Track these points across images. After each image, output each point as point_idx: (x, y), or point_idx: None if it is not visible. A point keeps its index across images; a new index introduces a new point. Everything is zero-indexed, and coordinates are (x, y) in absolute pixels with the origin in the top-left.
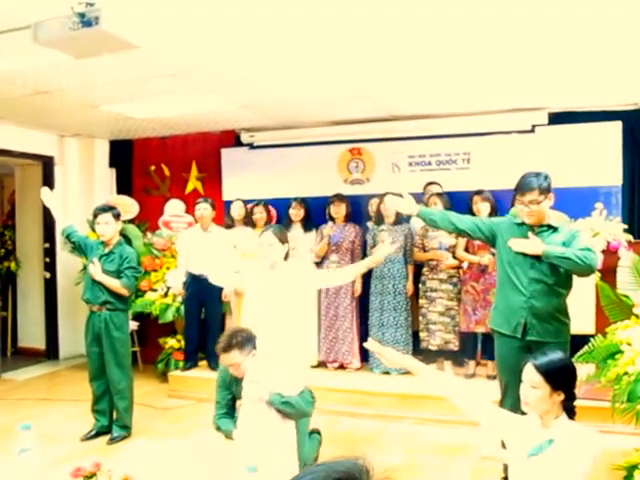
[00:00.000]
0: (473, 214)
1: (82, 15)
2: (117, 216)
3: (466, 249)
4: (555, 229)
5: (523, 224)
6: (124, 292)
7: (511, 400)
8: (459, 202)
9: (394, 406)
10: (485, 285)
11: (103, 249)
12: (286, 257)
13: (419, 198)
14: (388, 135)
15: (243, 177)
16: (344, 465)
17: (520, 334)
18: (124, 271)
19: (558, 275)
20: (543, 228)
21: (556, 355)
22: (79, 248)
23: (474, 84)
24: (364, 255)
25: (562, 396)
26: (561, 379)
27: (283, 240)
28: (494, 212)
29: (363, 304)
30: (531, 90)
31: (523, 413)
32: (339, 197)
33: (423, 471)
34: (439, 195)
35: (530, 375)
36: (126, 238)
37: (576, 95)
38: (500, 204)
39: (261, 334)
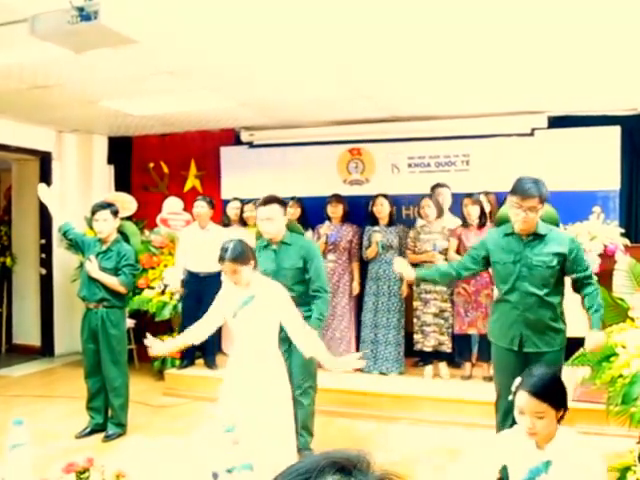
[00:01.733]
0: (464, 217)
1: (81, 9)
2: (115, 213)
3: (457, 252)
4: (542, 237)
5: (511, 234)
6: (121, 289)
7: (507, 401)
8: (457, 203)
9: (389, 407)
10: (476, 287)
11: (100, 246)
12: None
13: (419, 199)
14: (388, 136)
15: (242, 176)
16: (343, 452)
17: (517, 347)
18: (122, 268)
19: (548, 286)
20: (530, 237)
21: (543, 371)
22: (76, 245)
23: (474, 86)
24: (361, 255)
25: (562, 411)
26: (559, 395)
27: (245, 261)
28: (484, 215)
29: (361, 304)
30: (531, 93)
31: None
32: (337, 197)
33: (418, 471)
34: (430, 198)
35: (532, 407)
36: (124, 235)
37: (576, 99)
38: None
39: (241, 347)
